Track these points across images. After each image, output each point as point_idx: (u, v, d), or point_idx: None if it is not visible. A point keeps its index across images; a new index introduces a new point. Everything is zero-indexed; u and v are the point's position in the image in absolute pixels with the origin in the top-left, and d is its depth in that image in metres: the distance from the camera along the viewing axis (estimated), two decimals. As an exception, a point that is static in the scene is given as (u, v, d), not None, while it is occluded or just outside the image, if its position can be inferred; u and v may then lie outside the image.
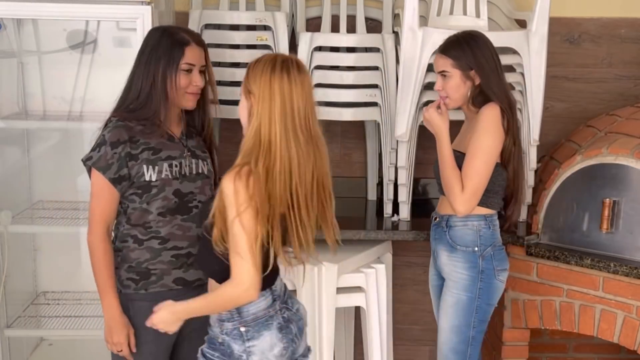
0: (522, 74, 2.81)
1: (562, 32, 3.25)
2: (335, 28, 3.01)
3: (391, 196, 2.98)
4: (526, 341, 2.89)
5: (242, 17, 2.95)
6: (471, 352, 2.40)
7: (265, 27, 2.91)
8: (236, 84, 2.89)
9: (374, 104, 2.92)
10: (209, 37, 2.87)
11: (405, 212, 2.93)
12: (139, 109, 2.14)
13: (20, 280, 3.06)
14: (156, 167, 2.14)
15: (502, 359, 2.89)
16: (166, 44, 2.15)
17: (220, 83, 2.80)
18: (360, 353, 3.03)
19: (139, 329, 2.17)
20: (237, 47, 2.94)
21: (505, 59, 2.88)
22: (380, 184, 3.22)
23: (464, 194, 2.29)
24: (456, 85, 2.36)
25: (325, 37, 2.90)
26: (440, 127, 2.36)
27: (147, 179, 2.13)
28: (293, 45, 2.97)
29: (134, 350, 2.19)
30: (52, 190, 3.10)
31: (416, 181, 3.12)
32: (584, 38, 3.27)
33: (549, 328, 2.78)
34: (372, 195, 3.29)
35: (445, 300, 2.43)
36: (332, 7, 3.05)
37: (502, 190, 2.42)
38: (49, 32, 2.99)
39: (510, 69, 2.90)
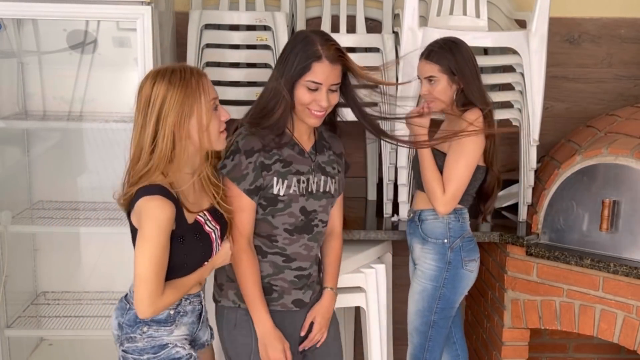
0: (522, 74, 2.81)
1: (562, 32, 3.25)
2: (335, 28, 3.00)
3: (391, 196, 2.98)
4: (526, 341, 2.89)
5: (242, 17, 2.95)
6: (432, 333, 2.55)
7: (265, 27, 2.91)
8: (236, 84, 2.89)
9: (374, 104, 2.91)
10: (209, 37, 2.88)
11: (405, 212, 2.93)
12: (267, 115, 2.01)
13: (20, 280, 3.06)
14: (285, 182, 2.04)
15: (502, 359, 2.89)
16: (298, 53, 1.98)
17: (220, 83, 2.80)
18: (360, 353, 3.03)
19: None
20: (237, 47, 2.94)
21: (505, 59, 2.89)
22: (380, 184, 3.22)
23: (445, 196, 2.39)
24: (443, 89, 2.42)
25: (325, 37, 2.89)
26: (420, 130, 2.43)
27: (275, 192, 2.04)
28: (293, 45, 2.96)
29: None
30: (52, 190, 3.10)
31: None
32: (584, 38, 3.27)
33: (548, 328, 2.78)
34: (372, 195, 3.29)
35: (413, 287, 2.58)
36: (332, 7, 3.05)
37: (475, 189, 2.51)
38: (49, 32, 2.99)
39: (510, 69, 2.90)
